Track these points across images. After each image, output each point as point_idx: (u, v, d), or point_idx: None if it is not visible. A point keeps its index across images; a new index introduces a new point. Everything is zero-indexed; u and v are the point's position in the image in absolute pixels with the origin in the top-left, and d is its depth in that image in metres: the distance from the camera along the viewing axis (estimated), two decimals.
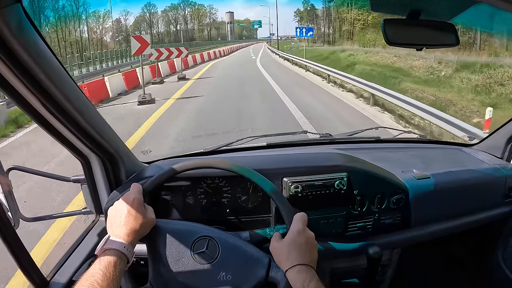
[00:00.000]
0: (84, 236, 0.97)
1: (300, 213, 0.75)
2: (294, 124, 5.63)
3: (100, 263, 0.63)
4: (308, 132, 1.51)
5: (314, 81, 11.15)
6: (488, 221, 1.25)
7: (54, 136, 0.80)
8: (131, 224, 0.71)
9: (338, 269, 1.13)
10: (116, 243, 0.68)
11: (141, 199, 0.76)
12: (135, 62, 16.14)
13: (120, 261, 0.66)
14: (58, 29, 28.87)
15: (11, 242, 0.70)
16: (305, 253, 0.70)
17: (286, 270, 0.68)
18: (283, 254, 0.70)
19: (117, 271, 0.63)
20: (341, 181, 0.97)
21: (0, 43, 0.54)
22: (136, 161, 1.07)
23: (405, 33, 0.81)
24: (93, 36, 33.14)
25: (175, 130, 5.69)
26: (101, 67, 16.57)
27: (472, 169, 1.25)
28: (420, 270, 1.44)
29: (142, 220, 0.73)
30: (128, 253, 0.68)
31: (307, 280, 0.65)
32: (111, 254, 0.66)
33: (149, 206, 0.77)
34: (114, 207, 0.75)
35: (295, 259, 0.68)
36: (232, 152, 1.29)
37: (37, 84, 0.64)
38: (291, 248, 0.70)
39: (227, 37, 53.16)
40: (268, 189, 0.80)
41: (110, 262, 0.64)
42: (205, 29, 49.92)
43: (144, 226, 0.73)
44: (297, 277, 0.66)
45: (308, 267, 0.68)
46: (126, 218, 0.72)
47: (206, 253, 0.75)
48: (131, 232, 0.71)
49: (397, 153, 1.35)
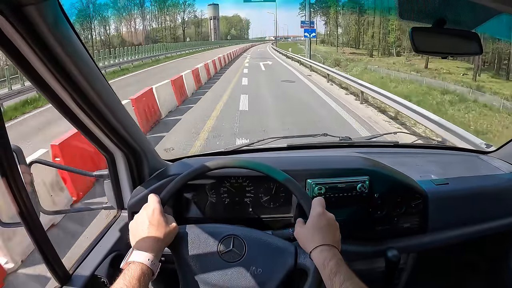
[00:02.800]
0: (106, 231, 0.98)
1: (317, 198, 0.76)
2: None
3: (124, 278, 0.63)
4: (327, 135, 1.51)
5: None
6: (505, 229, 1.24)
7: (81, 131, 0.81)
8: (153, 234, 0.71)
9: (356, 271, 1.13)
10: (140, 256, 0.68)
11: (161, 209, 0.76)
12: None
13: (144, 275, 0.65)
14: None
15: (36, 234, 0.71)
16: (327, 234, 0.71)
17: (310, 252, 0.70)
18: (308, 237, 0.72)
19: (141, 285, 0.63)
20: (363, 184, 0.98)
21: (37, 37, 0.55)
22: (159, 159, 1.09)
23: (431, 41, 0.82)
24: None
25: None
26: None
27: (490, 176, 1.26)
28: (435, 276, 1.44)
29: (165, 230, 0.73)
30: (153, 265, 0.68)
31: (328, 259, 0.66)
32: (135, 267, 0.65)
33: (170, 215, 0.77)
34: (135, 220, 0.76)
35: (318, 241, 0.70)
36: (253, 153, 1.31)
37: (69, 79, 0.65)
38: (314, 231, 0.72)
39: (210, 37, 41.86)
40: (281, 178, 0.80)
41: (134, 276, 0.63)
42: (178, 27, 37.35)
43: (167, 235, 0.73)
44: (319, 257, 0.68)
45: (330, 246, 0.69)
46: (148, 229, 0.72)
47: (233, 251, 0.75)
48: (155, 243, 0.71)
49: (415, 159, 1.36)
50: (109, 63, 16.67)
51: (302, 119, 6.82)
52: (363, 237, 1.06)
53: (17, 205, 0.64)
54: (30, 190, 0.85)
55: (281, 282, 0.72)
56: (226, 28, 45.98)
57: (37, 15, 0.52)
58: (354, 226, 1.03)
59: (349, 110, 7.54)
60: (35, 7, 0.51)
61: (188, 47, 35.11)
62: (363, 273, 1.16)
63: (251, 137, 4.56)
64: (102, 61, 18.74)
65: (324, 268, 0.66)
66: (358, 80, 8.86)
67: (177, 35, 38.82)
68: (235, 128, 6.15)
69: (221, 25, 45.23)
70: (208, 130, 6.05)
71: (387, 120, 6.93)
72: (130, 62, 19.54)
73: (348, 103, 8.39)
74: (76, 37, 0.64)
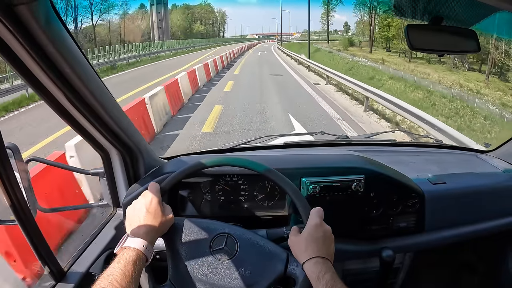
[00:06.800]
0: (101, 228, 0.98)
1: (316, 208, 0.76)
2: None
3: (119, 262, 0.64)
4: (325, 133, 1.50)
5: None
6: (501, 229, 1.24)
7: (76, 129, 0.81)
8: (150, 222, 0.72)
9: (350, 270, 1.13)
10: (135, 241, 0.68)
11: (160, 198, 0.76)
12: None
13: (139, 260, 0.66)
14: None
15: (30, 231, 0.71)
16: (322, 246, 0.70)
17: (303, 262, 0.69)
18: (301, 247, 0.71)
19: (136, 270, 0.64)
20: (358, 183, 0.98)
21: (28, 36, 0.55)
22: (155, 157, 1.09)
23: (427, 39, 0.81)
24: None
25: None
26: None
27: (487, 176, 1.25)
28: (432, 275, 1.44)
29: (161, 219, 0.74)
30: (147, 252, 0.69)
31: (323, 272, 0.66)
32: (130, 252, 0.66)
33: (167, 205, 0.78)
34: (133, 206, 0.76)
35: (312, 252, 0.69)
36: (249, 151, 1.31)
37: (62, 78, 0.65)
38: (309, 242, 0.71)
39: (153, 36, 25.43)
40: (283, 184, 0.78)
41: (129, 261, 0.64)
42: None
43: (163, 225, 0.74)
44: (313, 269, 0.67)
45: (324, 259, 0.68)
46: (145, 216, 0.73)
47: (225, 250, 0.75)
48: (150, 231, 0.71)
49: (413, 157, 1.36)
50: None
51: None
52: (359, 236, 1.05)
53: (10, 202, 0.64)
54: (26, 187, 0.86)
55: (268, 287, 0.72)
56: (185, 22, 30.37)
57: (29, 14, 0.52)
58: (349, 225, 1.02)
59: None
60: (26, 6, 0.51)
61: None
62: (357, 273, 1.17)
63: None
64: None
65: (319, 281, 0.65)
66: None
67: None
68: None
69: (176, 17, 29.16)
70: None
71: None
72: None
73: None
74: (69, 35, 0.64)
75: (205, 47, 29.06)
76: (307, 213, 0.75)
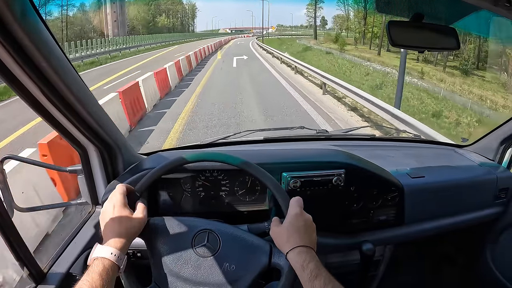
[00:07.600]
0: (80, 227, 0.96)
1: (296, 197, 0.76)
2: None
3: (88, 274, 0.62)
4: (304, 127, 1.51)
5: None
6: (479, 221, 1.28)
7: (52, 125, 0.78)
8: (116, 229, 0.70)
9: (332, 263, 1.16)
10: (103, 251, 0.66)
11: (123, 200, 0.73)
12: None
13: (107, 270, 0.64)
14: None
15: (8, 232, 0.68)
16: (304, 235, 0.71)
17: (286, 252, 0.69)
18: (283, 238, 0.71)
19: (104, 280, 0.62)
20: (339, 177, 0.99)
21: (2, 28, 0.53)
22: (134, 153, 1.07)
23: (408, 35, 0.82)
24: None
25: None
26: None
27: (465, 169, 1.29)
28: (412, 267, 1.48)
29: (127, 223, 0.71)
30: (118, 259, 0.66)
31: (307, 261, 0.66)
32: (97, 263, 0.64)
33: (141, 204, 0.76)
34: (102, 213, 0.73)
35: (295, 241, 0.69)
36: (229, 146, 1.29)
37: (38, 72, 0.63)
38: (290, 231, 0.71)
39: (106, 32, 20.62)
40: (262, 177, 0.79)
41: (96, 272, 0.62)
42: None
43: (132, 227, 0.71)
44: (297, 258, 0.67)
45: (308, 248, 0.69)
46: (110, 223, 0.70)
47: (207, 246, 0.75)
48: (118, 236, 0.69)
49: (392, 152, 1.38)
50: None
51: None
52: (339, 230, 1.07)
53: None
54: (2, 186, 0.83)
55: (254, 280, 0.72)
56: (148, 15, 26.69)
57: (4, 6, 0.50)
58: (330, 219, 1.04)
59: None
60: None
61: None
62: (338, 265, 1.20)
63: None
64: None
65: (303, 270, 0.65)
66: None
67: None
68: None
69: (137, 9, 25.17)
70: None
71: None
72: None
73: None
74: (46, 28, 0.61)
75: (165, 45, 23.50)
76: (287, 204, 0.75)
